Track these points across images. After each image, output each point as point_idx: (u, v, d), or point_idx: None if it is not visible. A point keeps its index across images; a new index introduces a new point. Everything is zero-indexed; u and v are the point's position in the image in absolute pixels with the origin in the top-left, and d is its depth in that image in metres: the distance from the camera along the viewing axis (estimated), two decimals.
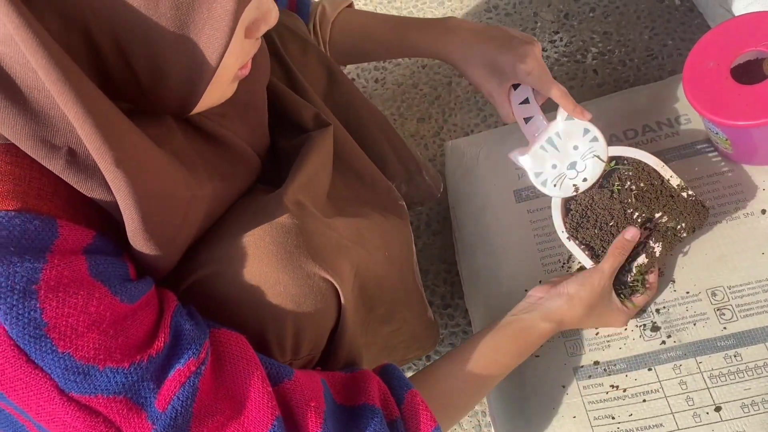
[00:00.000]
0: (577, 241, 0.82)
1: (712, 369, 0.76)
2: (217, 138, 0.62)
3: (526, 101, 0.81)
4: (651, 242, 0.79)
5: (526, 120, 0.81)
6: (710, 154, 0.89)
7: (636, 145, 0.93)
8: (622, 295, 0.79)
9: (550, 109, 0.83)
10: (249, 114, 0.67)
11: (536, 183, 0.82)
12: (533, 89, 0.81)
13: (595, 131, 0.80)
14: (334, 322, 0.64)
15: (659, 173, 0.80)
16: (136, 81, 0.50)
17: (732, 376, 0.75)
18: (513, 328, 0.74)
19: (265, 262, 0.57)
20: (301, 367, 0.64)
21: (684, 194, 0.79)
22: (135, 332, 0.49)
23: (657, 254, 0.79)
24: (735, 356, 0.76)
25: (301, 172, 0.65)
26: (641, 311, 0.82)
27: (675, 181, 0.79)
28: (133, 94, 0.52)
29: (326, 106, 0.75)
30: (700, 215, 0.79)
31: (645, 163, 0.80)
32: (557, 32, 1.25)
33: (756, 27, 0.78)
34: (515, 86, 0.81)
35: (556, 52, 1.23)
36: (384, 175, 0.79)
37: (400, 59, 1.30)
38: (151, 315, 0.52)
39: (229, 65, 0.53)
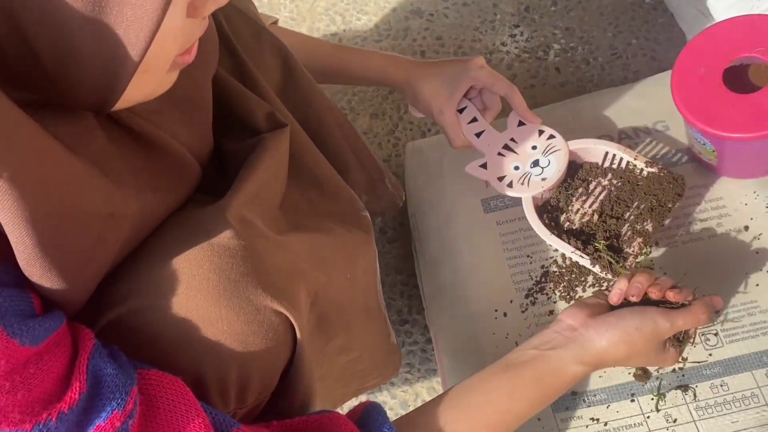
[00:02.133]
0: (561, 239, 0.75)
1: (698, 400, 0.71)
2: (149, 140, 0.51)
3: (474, 120, 0.80)
4: (639, 223, 0.75)
5: (478, 135, 0.80)
6: (690, 165, 0.83)
7: None
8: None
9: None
10: (190, 112, 0.56)
11: (502, 188, 0.77)
12: (479, 110, 0.81)
13: (549, 130, 0.79)
14: (288, 360, 0.55)
15: (624, 157, 0.78)
16: (40, 66, 0.39)
17: (719, 408, 0.70)
18: (536, 369, 0.61)
19: (203, 295, 0.47)
20: (246, 416, 0.54)
21: (653, 169, 0.76)
22: (40, 383, 0.39)
23: (650, 230, 0.74)
24: (722, 386, 0.71)
25: (248, 182, 0.55)
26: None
27: (641, 160, 0.77)
28: (38, 83, 0.41)
29: (282, 104, 0.65)
30: (677, 183, 0.76)
31: (608, 151, 0.78)
32: (518, 26, 1.18)
33: (749, 31, 0.72)
34: (461, 111, 0.80)
35: (516, 48, 1.16)
36: (346, 183, 0.70)
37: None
38: (61, 359, 0.41)
39: (165, 50, 0.43)
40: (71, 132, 0.44)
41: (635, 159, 0.77)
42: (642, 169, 0.77)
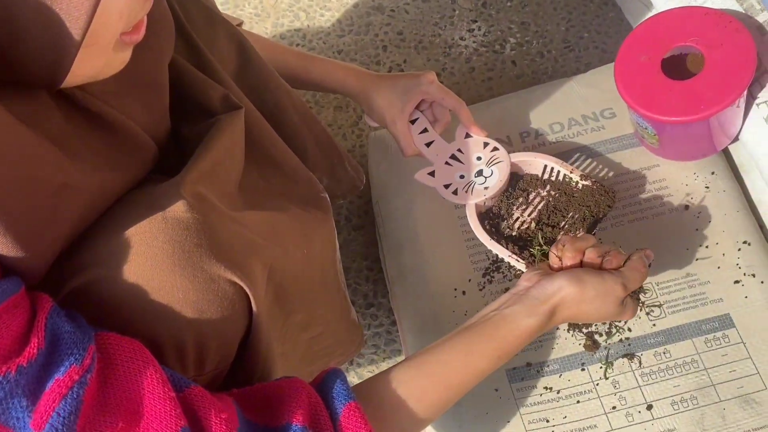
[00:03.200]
0: (500, 244, 0.80)
1: (643, 367, 0.76)
2: (105, 120, 0.54)
3: (424, 131, 0.86)
4: (573, 232, 0.80)
5: (428, 145, 0.86)
6: (636, 149, 0.88)
7: (563, 139, 0.91)
8: None
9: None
10: (147, 93, 0.58)
11: (448, 195, 0.83)
12: (430, 122, 0.87)
13: (493, 142, 0.85)
14: (245, 330, 0.58)
15: (561, 170, 0.83)
16: None
17: (662, 374, 0.75)
18: (492, 326, 0.63)
19: (159, 265, 0.50)
20: (206, 384, 0.57)
21: (587, 183, 0.82)
22: None
23: None
24: (664, 353, 0.76)
25: (203, 160, 0.58)
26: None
27: (576, 174, 0.82)
28: None
29: (238, 88, 0.67)
30: (608, 196, 0.81)
31: (546, 164, 0.84)
32: (475, 21, 1.22)
33: (685, 22, 0.77)
34: (413, 122, 0.86)
35: (474, 42, 1.21)
36: (305, 166, 0.73)
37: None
38: (20, 318, 0.43)
39: (109, 26, 0.45)
40: (27, 111, 0.46)
41: (571, 173, 0.82)
42: (577, 182, 0.82)
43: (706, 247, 0.81)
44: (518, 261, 0.78)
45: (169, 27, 0.61)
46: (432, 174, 0.85)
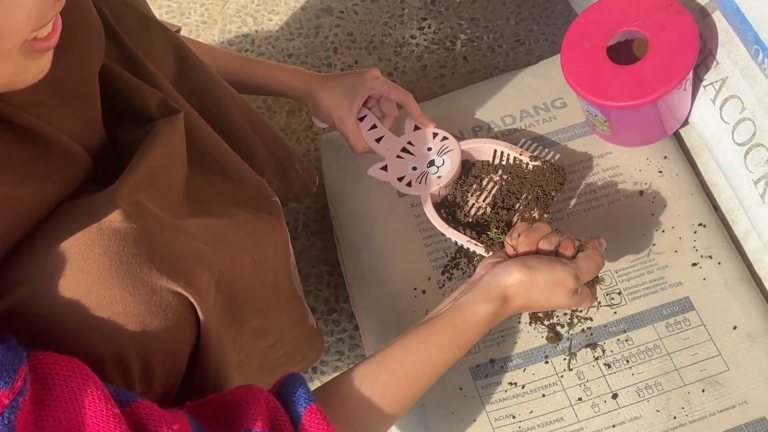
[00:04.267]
0: (458, 231, 0.79)
1: (606, 356, 0.75)
2: (32, 132, 0.51)
3: (373, 127, 0.86)
4: (528, 212, 0.80)
5: (378, 140, 0.86)
6: (588, 138, 0.88)
7: (516, 131, 0.90)
8: None
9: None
10: (76, 102, 0.56)
11: (401, 187, 0.83)
12: (378, 118, 0.86)
13: (443, 132, 0.85)
14: (193, 342, 0.56)
15: (511, 154, 0.83)
16: None
17: (625, 362, 0.75)
18: (449, 316, 0.62)
19: (96, 278, 0.48)
20: (157, 400, 0.54)
21: (537, 163, 0.82)
22: None
23: (537, 217, 0.79)
24: (627, 341, 0.76)
25: (140, 167, 0.55)
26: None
27: (525, 156, 0.82)
28: None
29: (177, 93, 0.65)
30: (558, 174, 0.81)
31: (496, 149, 0.84)
32: (425, 19, 1.22)
33: (628, 7, 0.77)
34: (361, 119, 0.86)
35: (425, 40, 1.20)
36: (253, 170, 0.71)
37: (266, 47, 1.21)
38: None
39: (14, 27, 0.41)
40: None
41: (521, 155, 0.83)
42: (527, 164, 0.82)
43: (663, 231, 0.81)
44: (477, 245, 0.77)
45: (98, 32, 0.59)
46: (385, 168, 0.84)
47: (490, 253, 0.76)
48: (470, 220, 0.82)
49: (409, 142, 0.85)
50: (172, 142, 0.60)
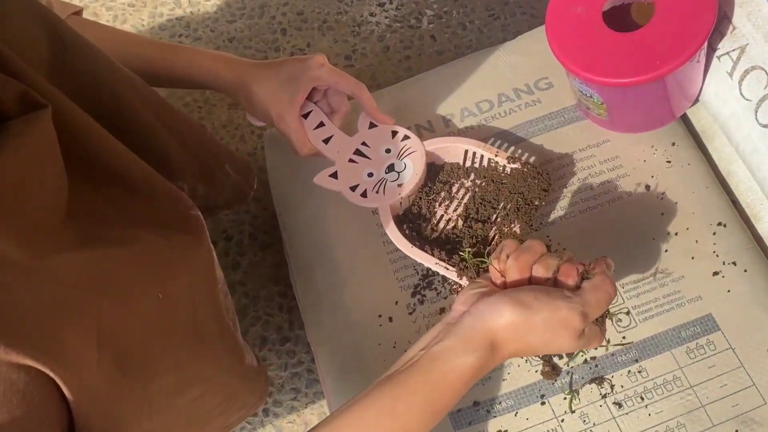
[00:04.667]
0: (424, 250, 0.65)
1: (616, 392, 0.61)
2: None
3: (321, 125, 0.72)
4: (507, 225, 0.66)
5: (326, 141, 0.71)
6: (580, 124, 0.74)
7: (493, 119, 0.76)
8: None
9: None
10: None
11: (355, 198, 0.68)
12: (326, 114, 0.72)
13: (403, 130, 0.71)
14: (65, 425, 0.42)
15: (484, 154, 0.70)
16: None
17: (639, 399, 0.61)
18: (422, 372, 0.48)
19: None
20: None
21: (516, 166, 0.68)
22: None
23: (518, 231, 0.65)
24: (640, 372, 0.62)
25: None
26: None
27: (502, 157, 0.69)
28: None
29: (50, 82, 0.49)
30: (542, 178, 0.67)
31: (468, 149, 0.70)
32: None
33: None
34: (305, 115, 0.72)
35: (386, 17, 1.04)
36: (165, 176, 0.56)
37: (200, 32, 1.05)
38: None
39: None
40: None
41: (496, 155, 0.69)
42: (504, 166, 0.69)
43: (676, 234, 0.67)
44: (447, 269, 0.63)
45: None
46: (335, 175, 0.69)
47: (464, 279, 0.61)
48: (439, 235, 0.68)
49: (364, 143, 0.71)
50: (34, 147, 0.44)
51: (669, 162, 0.70)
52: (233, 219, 0.91)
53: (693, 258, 0.65)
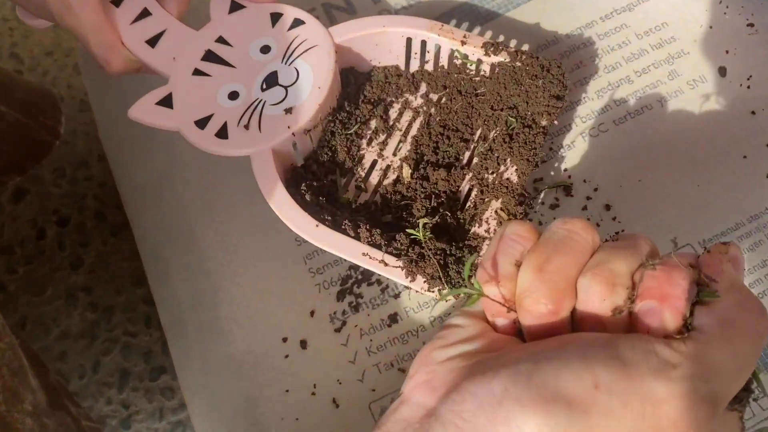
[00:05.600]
0: (341, 230, 0.36)
1: None
2: None
3: (144, 15, 0.41)
4: (493, 169, 0.37)
5: (153, 42, 0.41)
6: None
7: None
8: None
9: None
10: None
11: (207, 140, 0.38)
12: None
13: (293, 11, 0.41)
14: None
15: (444, 44, 0.40)
16: None
17: None
18: None
19: None
20: None
21: (501, 58, 0.39)
22: None
23: (516, 181, 0.37)
24: None
25: None
26: None
27: (474, 45, 0.39)
28: None
29: None
30: (550, 76, 0.38)
31: (412, 38, 0.41)
32: None
33: None
34: (117, 3, 0.41)
35: None
36: None
37: None
38: None
39: None
40: None
41: (463, 43, 0.39)
42: (479, 62, 0.40)
43: None
44: (385, 264, 0.34)
45: None
46: (168, 102, 0.38)
47: (415, 281, 0.33)
48: (370, 199, 0.39)
49: (221, 39, 0.40)
50: None
51: (751, 26, 0.42)
52: (67, 192, 0.60)
53: None
